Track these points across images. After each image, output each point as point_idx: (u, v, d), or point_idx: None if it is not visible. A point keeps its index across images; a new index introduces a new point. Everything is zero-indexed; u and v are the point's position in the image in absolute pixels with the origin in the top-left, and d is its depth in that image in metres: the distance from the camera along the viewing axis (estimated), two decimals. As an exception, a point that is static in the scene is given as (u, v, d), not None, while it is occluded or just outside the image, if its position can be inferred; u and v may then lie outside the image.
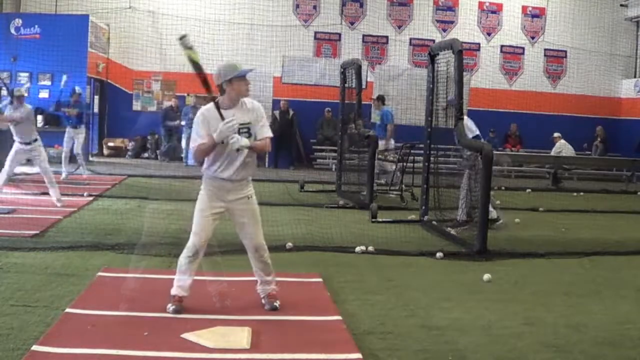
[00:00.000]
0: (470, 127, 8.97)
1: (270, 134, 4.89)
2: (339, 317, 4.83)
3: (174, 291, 4.85)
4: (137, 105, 19.37)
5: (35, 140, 9.69)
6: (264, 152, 4.99)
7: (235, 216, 4.95)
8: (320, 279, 5.95)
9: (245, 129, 4.77)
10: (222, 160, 4.78)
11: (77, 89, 13.93)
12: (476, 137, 8.99)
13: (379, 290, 5.79)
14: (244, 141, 4.68)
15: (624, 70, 21.32)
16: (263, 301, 5.06)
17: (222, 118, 4.63)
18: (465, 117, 8.99)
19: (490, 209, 9.23)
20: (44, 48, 16.29)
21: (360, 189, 11.73)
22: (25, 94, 10.48)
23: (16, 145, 9.67)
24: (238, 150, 4.67)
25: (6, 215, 8.48)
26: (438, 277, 6.48)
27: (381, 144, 12.64)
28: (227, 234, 6.09)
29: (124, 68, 18.97)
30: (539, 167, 18.68)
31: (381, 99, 14.27)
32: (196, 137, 4.75)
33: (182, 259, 4.87)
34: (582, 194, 14.97)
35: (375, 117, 13.07)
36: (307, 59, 19.39)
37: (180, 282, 4.85)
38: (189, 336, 4.25)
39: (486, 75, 20.02)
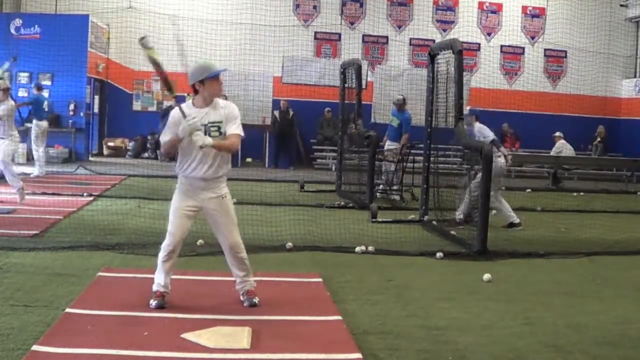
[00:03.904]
0: (486, 134, 9.02)
1: (239, 131, 4.84)
2: (339, 317, 4.83)
3: (155, 287, 4.91)
4: (137, 105, 19.38)
5: (11, 136, 9.63)
6: (232, 151, 4.88)
7: (209, 215, 4.97)
8: (320, 279, 5.95)
9: (216, 127, 4.79)
10: (194, 158, 4.81)
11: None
12: (492, 141, 9.02)
13: (379, 290, 5.79)
14: (208, 140, 4.66)
15: (624, 70, 21.34)
16: (242, 298, 5.05)
17: (184, 117, 4.65)
18: (479, 125, 9.07)
19: (511, 213, 9.33)
20: (44, 48, 16.30)
21: (360, 189, 11.73)
22: (9, 86, 10.28)
23: None
24: (202, 147, 4.65)
25: (6, 215, 8.48)
26: (438, 277, 6.48)
27: (394, 145, 12.42)
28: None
29: (124, 68, 18.98)
30: (538, 167, 18.68)
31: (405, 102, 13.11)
32: (166, 132, 4.86)
33: (159, 258, 4.92)
34: (582, 194, 14.96)
35: (394, 120, 12.62)
36: (307, 59, 19.39)
37: (159, 279, 4.91)
38: (189, 336, 4.25)
39: (486, 75, 20.02)
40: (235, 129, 4.83)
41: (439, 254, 7.30)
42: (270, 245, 7.32)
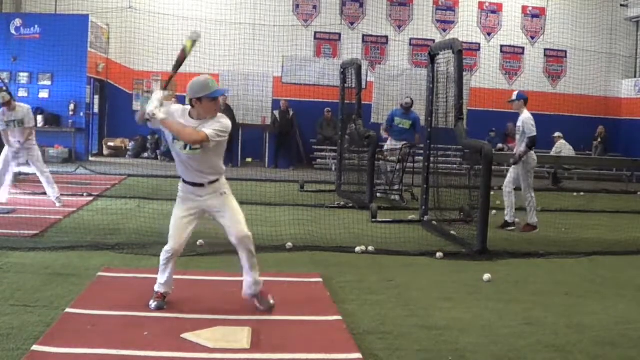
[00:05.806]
0: (529, 129, 9.10)
1: (208, 132, 4.63)
2: (339, 317, 4.83)
3: (156, 288, 4.93)
4: (137, 105, 19.35)
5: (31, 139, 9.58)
6: (184, 137, 4.67)
7: (214, 215, 4.95)
8: (320, 279, 5.95)
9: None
10: (180, 165, 4.87)
11: None
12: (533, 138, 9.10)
13: (379, 290, 5.79)
14: (157, 111, 4.58)
15: (624, 70, 21.33)
16: (257, 303, 4.96)
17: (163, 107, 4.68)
18: (528, 114, 9.10)
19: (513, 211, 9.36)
20: (44, 48, 16.31)
21: (360, 189, 11.72)
22: (8, 98, 9.45)
23: (11, 146, 9.41)
24: (150, 115, 4.59)
25: (6, 215, 8.48)
26: (438, 277, 6.48)
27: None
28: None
29: (124, 68, 18.98)
30: (539, 167, 18.64)
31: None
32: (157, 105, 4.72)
33: (161, 260, 4.94)
34: (582, 194, 14.97)
35: (404, 123, 12.55)
36: (307, 59, 19.39)
37: (161, 280, 4.93)
38: (189, 336, 4.25)
39: (486, 75, 20.00)
40: (206, 129, 4.65)
41: (439, 254, 7.30)
42: (270, 245, 7.32)
